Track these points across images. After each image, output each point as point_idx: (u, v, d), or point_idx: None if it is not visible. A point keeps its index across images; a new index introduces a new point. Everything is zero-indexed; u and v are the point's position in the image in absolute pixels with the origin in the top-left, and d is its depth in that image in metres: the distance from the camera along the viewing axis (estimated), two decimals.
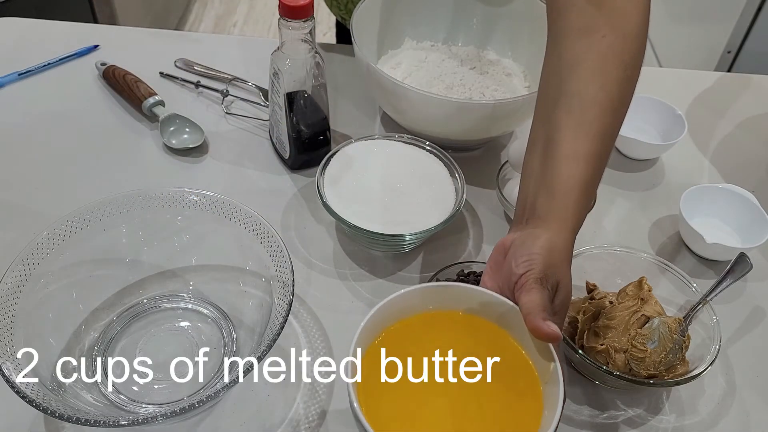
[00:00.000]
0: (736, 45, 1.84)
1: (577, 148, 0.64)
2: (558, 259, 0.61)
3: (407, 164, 0.85)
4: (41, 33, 1.11)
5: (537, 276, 0.59)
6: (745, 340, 0.78)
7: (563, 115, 0.65)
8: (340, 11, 1.14)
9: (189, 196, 0.74)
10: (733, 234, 0.87)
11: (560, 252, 0.61)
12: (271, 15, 2.84)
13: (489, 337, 0.60)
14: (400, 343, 0.58)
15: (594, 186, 0.66)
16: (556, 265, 0.61)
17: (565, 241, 0.62)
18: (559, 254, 0.61)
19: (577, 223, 0.64)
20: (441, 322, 0.60)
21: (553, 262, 0.60)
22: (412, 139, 0.87)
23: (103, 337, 0.72)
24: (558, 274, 0.61)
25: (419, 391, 0.56)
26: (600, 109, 0.65)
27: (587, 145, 0.64)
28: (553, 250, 0.61)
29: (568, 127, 0.65)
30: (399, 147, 0.86)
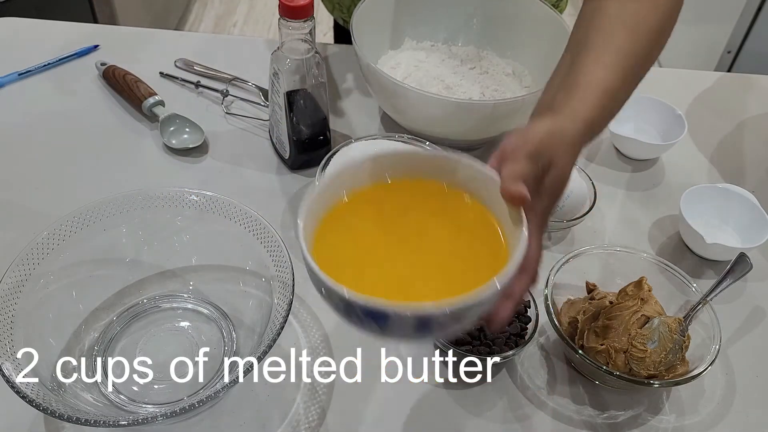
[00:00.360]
0: (736, 45, 1.84)
1: (604, 59, 0.64)
2: (558, 141, 0.57)
3: None
4: (41, 33, 1.11)
5: (527, 150, 0.55)
6: (745, 340, 0.78)
7: (593, 32, 0.67)
8: (343, 14, 1.14)
9: (189, 196, 0.74)
10: (733, 234, 0.87)
11: (562, 136, 0.57)
12: (271, 15, 2.84)
13: (455, 204, 0.56)
14: (358, 209, 0.56)
15: (618, 96, 0.64)
16: (554, 146, 0.56)
17: (572, 127, 0.59)
18: (561, 138, 0.57)
19: (594, 118, 0.61)
20: (401, 190, 0.57)
21: (551, 143, 0.56)
22: (412, 139, 0.87)
23: (103, 337, 0.72)
24: (553, 155, 0.56)
25: (375, 244, 0.54)
26: (629, 31, 0.66)
27: (614, 58, 0.64)
28: (554, 133, 0.57)
29: (597, 42, 0.65)
30: (399, 147, 0.86)
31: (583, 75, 0.63)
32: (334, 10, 1.15)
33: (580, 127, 0.59)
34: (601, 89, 0.63)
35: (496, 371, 0.73)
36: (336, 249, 0.53)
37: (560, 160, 0.57)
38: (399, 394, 0.71)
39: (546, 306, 0.72)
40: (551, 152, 0.56)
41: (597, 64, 0.64)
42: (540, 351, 0.75)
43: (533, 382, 0.72)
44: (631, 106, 0.98)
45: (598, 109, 0.62)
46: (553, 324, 0.71)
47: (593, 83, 0.63)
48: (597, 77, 0.63)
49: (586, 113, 0.61)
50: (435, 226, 0.56)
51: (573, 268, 0.76)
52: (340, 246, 0.53)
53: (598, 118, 0.62)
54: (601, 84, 0.63)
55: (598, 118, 0.62)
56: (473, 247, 0.54)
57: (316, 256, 0.49)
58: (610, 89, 0.63)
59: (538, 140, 0.56)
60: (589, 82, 0.63)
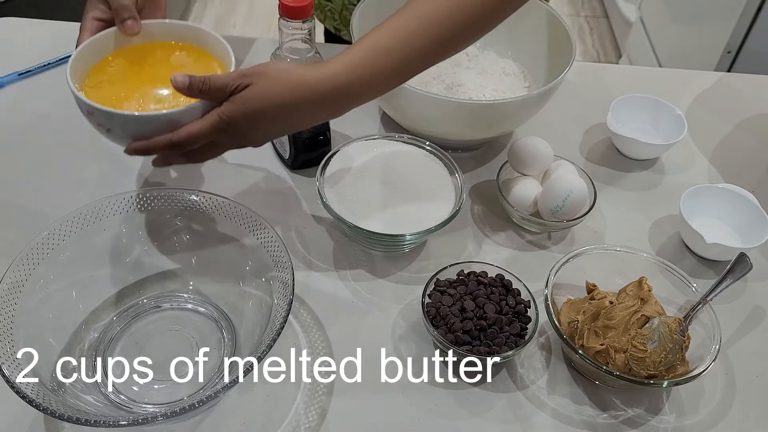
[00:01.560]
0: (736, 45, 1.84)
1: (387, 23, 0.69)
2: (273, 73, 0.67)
3: (407, 164, 0.85)
4: (41, 33, 1.11)
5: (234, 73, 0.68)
6: (745, 340, 0.78)
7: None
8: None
9: (189, 196, 0.74)
10: (733, 234, 0.87)
11: (281, 73, 0.67)
12: (271, 15, 2.84)
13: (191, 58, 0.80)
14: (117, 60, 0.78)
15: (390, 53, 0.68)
16: (264, 75, 0.67)
17: (305, 72, 0.67)
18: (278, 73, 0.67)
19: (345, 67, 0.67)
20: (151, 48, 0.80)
21: (263, 72, 0.67)
22: (412, 139, 0.87)
23: (103, 337, 0.72)
24: (256, 80, 0.67)
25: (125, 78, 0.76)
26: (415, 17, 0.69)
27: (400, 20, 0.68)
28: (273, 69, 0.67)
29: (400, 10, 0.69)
30: (399, 147, 0.86)
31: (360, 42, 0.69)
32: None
33: (315, 75, 0.67)
34: (367, 43, 0.68)
35: (496, 371, 0.73)
36: (100, 85, 0.75)
37: (260, 85, 0.67)
38: (399, 394, 0.71)
39: (546, 306, 0.72)
40: (256, 78, 0.67)
41: (381, 29, 0.69)
42: (540, 351, 0.75)
43: (533, 382, 0.72)
44: (631, 106, 0.99)
45: (351, 64, 0.67)
46: (553, 324, 0.71)
47: (363, 40, 0.68)
48: (371, 35, 0.69)
49: (333, 66, 0.68)
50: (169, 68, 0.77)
51: (573, 268, 0.76)
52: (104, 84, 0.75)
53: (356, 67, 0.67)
54: (372, 41, 0.68)
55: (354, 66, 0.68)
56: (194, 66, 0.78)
57: (85, 90, 0.73)
58: (381, 44, 0.68)
59: (254, 68, 0.68)
60: (360, 41, 0.69)
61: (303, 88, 0.67)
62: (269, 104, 0.67)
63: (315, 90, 0.67)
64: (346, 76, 0.67)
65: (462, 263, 0.77)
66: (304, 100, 0.67)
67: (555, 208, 0.82)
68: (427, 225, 0.77)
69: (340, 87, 0.67)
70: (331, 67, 0.67)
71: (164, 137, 0.68)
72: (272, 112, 0.67)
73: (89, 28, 0.77)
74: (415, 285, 0.80)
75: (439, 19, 0.68)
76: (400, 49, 0.68)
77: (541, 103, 0.89)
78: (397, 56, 0.68)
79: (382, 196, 0.81)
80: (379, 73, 0.68)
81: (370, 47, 0.68)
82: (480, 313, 0.72)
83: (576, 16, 2.92)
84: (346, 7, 1.10)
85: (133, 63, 0.78)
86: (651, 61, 2.28)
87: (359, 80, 0.68)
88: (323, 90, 0.67)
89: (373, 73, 0.68)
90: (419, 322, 0.76)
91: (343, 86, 0.67)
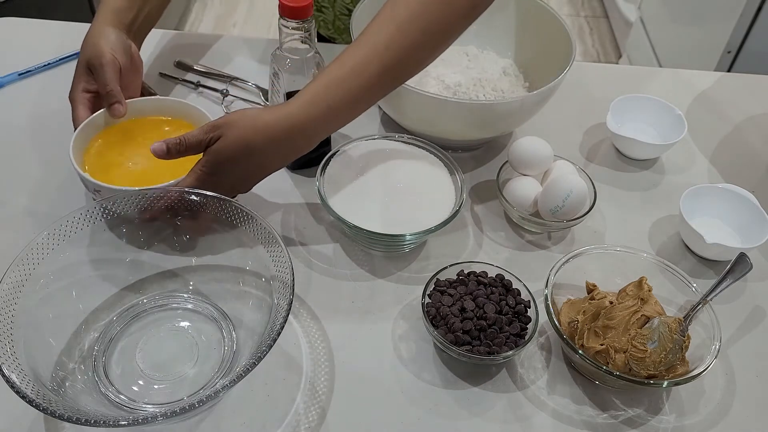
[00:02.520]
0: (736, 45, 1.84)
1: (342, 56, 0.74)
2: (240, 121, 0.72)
3: (407, 164, 0.85)
4: (41, 33, 1.11)
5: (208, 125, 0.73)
6: (745, 340, 0.78)
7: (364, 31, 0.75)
8: (328, 30, 1.14)
9: (189, 196, 0.74)
10: (733, 234, 0.87)
11: (246, 119, 0.72)
12: (271, 15, 2.84)
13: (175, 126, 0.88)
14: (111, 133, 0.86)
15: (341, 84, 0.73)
16: (231, 124, 0.72)
17: (266, 115, 0.73)
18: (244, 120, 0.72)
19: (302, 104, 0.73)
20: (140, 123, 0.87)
21: (231, 121, 0.73)
22: (412, 139, 0.87)
23: (103, 337, 0.72)
24: (225, 131, 0.72)
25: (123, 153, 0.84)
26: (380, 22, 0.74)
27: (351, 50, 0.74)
28: (239, 116, 0.73)
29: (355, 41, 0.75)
30: (399, 147, 0.86)
31: (314, 81, 0.75)
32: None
33: (275, 115, 0.73)
34: (323, 82, 0.73)
35: (496, 371, 0.73)
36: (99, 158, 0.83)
37: (229, 135, 0.72)
38: (399, 394, 0.71)
39: (546, 306, 0.72)
40: (225, 128, 0.73)
41: (335, 62, 0.74)
42: (540, 351, 0.75)
43: (533, 382, 0.72)
44: (631, 106, 0.99)
45: (307, 100, 0.73)
46: (553, 324, 0.71)
47: (319, 77, 0.74)
48: (326, 71, 0.74)
49: (291, 105, 0.73)
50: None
51: (573, 268, 0.76)
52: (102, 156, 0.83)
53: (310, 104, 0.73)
54: (324, 77, 0.73)
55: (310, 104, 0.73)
56: None
57: (86, 165, 0.81)
58: (334, 76, 0.73)
59: (221, 120, 0.74)
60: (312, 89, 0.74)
61: (267, 129, 0.73)
62: (241, 150, 0.73)
63: (277, 129, 0.73)
64: (305, 113, 0.73)
65: (462, 263, 0.77)
66: (270, 141, 0.73)
67: (555, 208, 0.82)
68: (427, 225, 0.77)
69: (299, 124, 0.73)
70: (289, 107, 0.73)
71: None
72: (245, 156, 0.73)
73: (80, 100, 0.84)
74: (415, 285, 0.80)
75: (386, 46, 0.73)
76: (351, 79, 0.73)
77: (541, 103, 0.89)
78: (348, 86, 0.73)
79: (382, 196, 0.81)
80: (336, 104, 0.73)
81: (323, 82, 0.73)
82: (480, 313, 0.72)
83: (576, 16, 2.92)
84: (339, 18, 1.11)
85: (126, 137, 0.86)
86: (651, 61, 2.28)
87: (317, 114, 0.73)
88: (284, 128, 0.73)
89: (329, 106, 0.73)
90: (419, 322, 0.76)
91: (302, 123, 0.73)
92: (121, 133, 0.86)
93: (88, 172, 0.79)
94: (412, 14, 0.73)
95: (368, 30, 0.74)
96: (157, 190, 0.73)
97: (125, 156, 0.83)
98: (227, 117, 0.74)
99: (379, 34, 0.73)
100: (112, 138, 0.85)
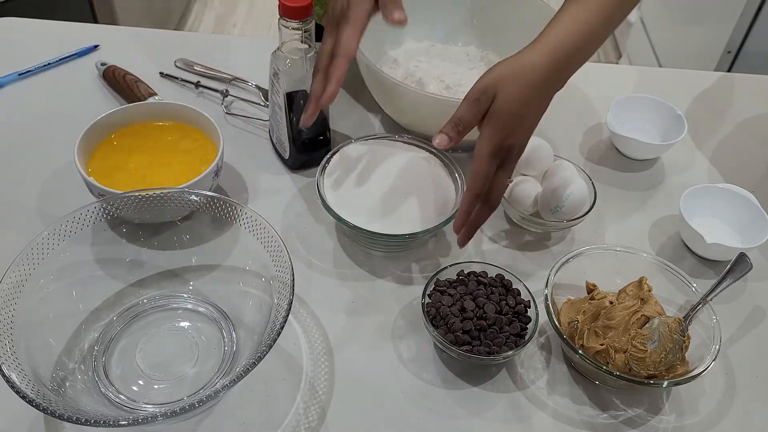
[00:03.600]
0: (736, 45, 1.84)
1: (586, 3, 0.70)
2: (507, 73, 0.67)
3: (407, 164, 0.85)
4: (41, 33, 1.11)
5: (470, 95, 0.68)
6: (745, 340, 0.78)
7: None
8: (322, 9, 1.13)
9: (189, 196, 0.74)
10: (733, 234, 0.87)
11: (514, 69, 0.67)
12: (271, 15, 2.84)
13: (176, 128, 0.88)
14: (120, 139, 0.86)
15: (596, 32, 0.70)
16: (501, 80, 0.67)
17: (529, 59, 0.67)
18: (512, 70, 0.67)
19: (560, 50, 0.68)
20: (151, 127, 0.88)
21: (497, 78, 0.67)
22: (412, 139, 0.87)
23: (103, 337, 0.72)
24: (498, 88, 0.67)
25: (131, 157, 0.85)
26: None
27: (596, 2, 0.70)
28: (504, 69, 0.67)
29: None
30: (399, 147, 0.86)
31: (563, 12, 0.70)
32: (322, 18, 1.14)
33: (541, 59, 0.68)
34: (575, 23, 0.69)
35: (496, 371, 0.73)
36: (106, 163, 0.83)
37: (506, 90, 0.67)
38: (399, 394, 0.71)
39: (546, 306, 0.72)
40: (495, 87, 0.67)
41: (579, 5, 0.70)
42: (540, 351, 0.75)
43: (533, 382, 0.72)
44: (631, 106, 0.99)
45: (567, 42, 0.69)
46: (553, 324, 0.71)
47: (569, 19, 0.69)
48: (575, 14, 0.70)
49: (551, 46, 0.68)
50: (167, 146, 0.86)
51: (573, 268, 0.76)
52: (109, 162, 0.83)
53: (568, 50, 0.69)
54: (578, 20, 0.69)
55: (569, 49, 0.69)
56: (189, 155, 0.85)
57: (91, 169, 0.82)
58: (586, 24, 0.69)
59: (484, 81, 0.68)
60: (565, 18, 0.69)
61: (540, 68, 0.68)
62: (522, 102, 0.68)
63: (550, 63, 0.69)
64: (569, 36, 0.69)
65: (462, 263, 0.77)
66: (546, 80, 0.69)
67: (555, 208, 0.82)
68: (427, 225, 0.77)
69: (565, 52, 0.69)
70: (547, 39, 0.69)
71: (466, 195, 0.72)
72: (525, 106, 0.69)
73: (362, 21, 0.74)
74: (415, 285, 0.80)
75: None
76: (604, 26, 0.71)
77: None
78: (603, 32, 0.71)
79: (382, 196, 0.81)
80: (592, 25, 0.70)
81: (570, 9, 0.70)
82: (480, 313, 0.72)
83: None
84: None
85: (129, 142, 0.86)
86: (651, 61, 2.28)
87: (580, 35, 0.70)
88: (556, 59, 0.69)
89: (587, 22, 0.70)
90: (419, 322, 0.76)
91: (567, 48, 0.69)
92: (125, 137, 0.86)
93: (92, 175, 0.79)
94: None
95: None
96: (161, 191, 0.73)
97: (129, 160, 0.83)
98: (489, 76, 0.68)
99: None
100: (116, 142, 0.85)
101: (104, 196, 0.75)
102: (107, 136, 0.85)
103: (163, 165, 0.83)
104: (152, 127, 0.87)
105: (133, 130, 0.87)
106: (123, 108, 0.87)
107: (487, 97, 0.68)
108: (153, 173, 0.82)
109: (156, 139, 0.86)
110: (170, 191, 0.74)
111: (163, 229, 0.76)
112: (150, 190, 0.73)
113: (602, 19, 0.70)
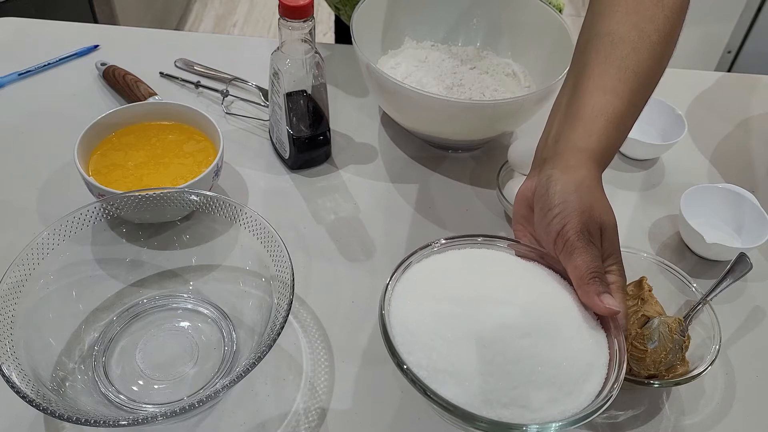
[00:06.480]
0: (736, 45, 1.84)
1: (605, 83, 0.62)
2: (591, 197, 0.58)
3: (522, 291, 0.58)
4: (41, 33, 1.11)
5: (576, 230, 0.56)
6: (745, 340, 0.78)
7: (593, 53, 0.64)
8: (345, 7, 1.13)
9: (189, 196, 0.74)
10: (733, 234, 0.87)
11: (590, 188, 0.58)
12: (271, 15, 2.84)
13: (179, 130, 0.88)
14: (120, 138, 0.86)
15: (625, 121, 0.62)
16: (591, 205, 0.57)
17: (590, 174, 0.59)
18: (590, 191, 0.58)
19: (603, 154, 0.61)
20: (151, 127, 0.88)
21: (587, 203, 0.57)
22: (529, 250, 0.62)
23: (103, 337, 0.72)
24: (597, 213, 0.58)
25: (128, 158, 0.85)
26: (631, 47, 0.63)
27: (616, 80, 0.62)
28: (581, 190, 0.57)
29: (597, 63, 0.63)
30: (507, 259, 0.61)
31: (584, 107, 0.62)
32: (342, 14, 1.14)
33: (594, 170, 0.60)
34: (606, 118, 0.61)
35: None
36: (105, 161, 0.84)
37: (605, 214, 0.59)
38: (400, 395, 0.70)
39: None
40: (594, 214, 0.58)
41: (598, 90, 0.62)
42: None
43: None
44: None
45: (606, 142, 0.61)
46: None
47: (596, 112, 0.61)
48: (600, 104, 0.61)
49: (596, 152, 0.61)
50: (167, 146, 0.86)
51: None
52: (108, 160, 0.84)
53: (608, 151, 0.62)
54: (605, 111, 0.61)
55: (608, 150, 0.62)
56: (189, 155, 0.85)
57: (91, 169, 0.82)
58: (614, 115, 0.61)
59: (576, 210, 0.57)
60: (591, 111, 0.61)
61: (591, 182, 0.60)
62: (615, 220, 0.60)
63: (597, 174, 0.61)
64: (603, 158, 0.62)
65: None
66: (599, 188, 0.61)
67: None
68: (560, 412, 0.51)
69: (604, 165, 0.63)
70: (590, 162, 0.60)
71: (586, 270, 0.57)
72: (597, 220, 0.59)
73: None
74: None
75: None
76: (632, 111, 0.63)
77: (541, 103, 0.89)
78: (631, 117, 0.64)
79: (478, 347, 0.53)
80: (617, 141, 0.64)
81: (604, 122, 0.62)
82: None
83: (576, 17, 2.92)
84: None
85: (130, 142, 0.86)
86: None
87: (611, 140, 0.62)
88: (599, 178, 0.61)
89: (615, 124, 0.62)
90: None
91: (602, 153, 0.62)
92: (125, 137, 0.86)
93: (92, 175, 0.79)
94: None
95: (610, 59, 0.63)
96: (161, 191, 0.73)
97: (129, 159, 0.84)
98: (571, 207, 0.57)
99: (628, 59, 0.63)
100: (116, 142, 0.85)
101: (104, 196, 0.75)
102: (107, 136, 0.85)
103: (163, 165, 0.83)
104: (152, 127, 0.87)
105: (133, 130, 0.87)
106: (123, 108, 0.86)
107: (594, 229, 0.58)
108: (153, 173, 0.82)
109: (156, 139, 0.86)
110: (170, 191, 0.74)
111: (163, 229, 0.76)
112: (150, 190, 0.73)
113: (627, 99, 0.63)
